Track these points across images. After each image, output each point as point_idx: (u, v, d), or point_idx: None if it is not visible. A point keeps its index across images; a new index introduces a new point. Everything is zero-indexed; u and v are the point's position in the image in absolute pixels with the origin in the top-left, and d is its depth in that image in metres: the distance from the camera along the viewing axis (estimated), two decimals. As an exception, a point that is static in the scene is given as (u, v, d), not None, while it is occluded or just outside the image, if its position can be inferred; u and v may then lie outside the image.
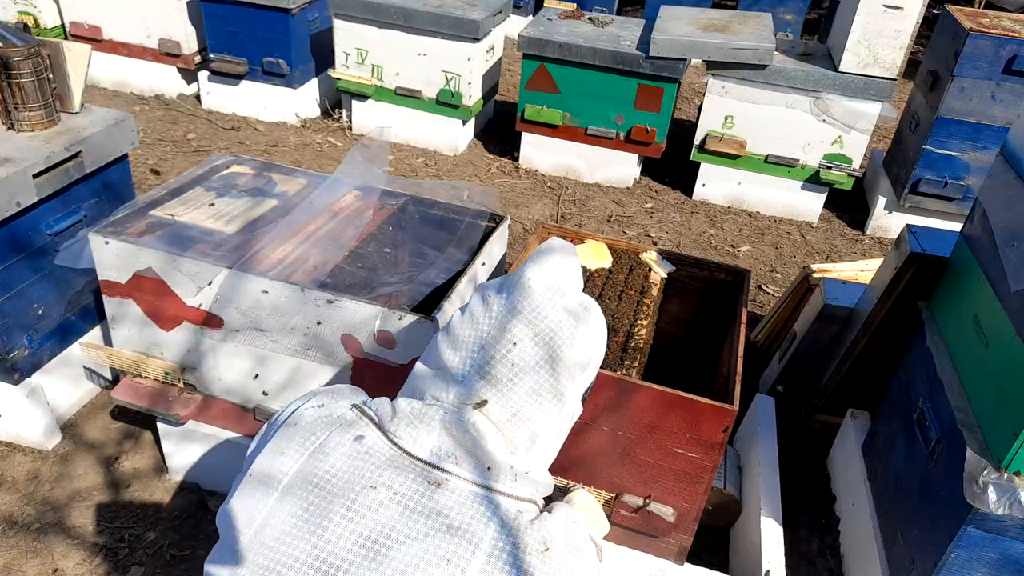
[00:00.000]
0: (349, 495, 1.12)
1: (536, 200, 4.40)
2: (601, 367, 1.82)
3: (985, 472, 1.63)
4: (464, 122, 4.73)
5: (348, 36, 4.59)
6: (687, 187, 4.59)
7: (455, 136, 4.75)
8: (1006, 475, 1.62)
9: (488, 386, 1.22)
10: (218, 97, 4.96)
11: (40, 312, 2.37)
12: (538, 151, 4.66)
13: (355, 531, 1.09)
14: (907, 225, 2.31)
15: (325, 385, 2.01)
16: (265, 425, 1.34)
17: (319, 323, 1.92)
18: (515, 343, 1.24)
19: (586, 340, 1.30)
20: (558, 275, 1.34)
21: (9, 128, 2.30)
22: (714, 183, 4.49)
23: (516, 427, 1.22)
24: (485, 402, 1.21)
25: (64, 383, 2.56)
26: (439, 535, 1.09)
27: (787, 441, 2.62)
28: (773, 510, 2.14)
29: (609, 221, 4.25)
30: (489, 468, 1.18)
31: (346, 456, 1.16)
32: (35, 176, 2.18)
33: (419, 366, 1.33)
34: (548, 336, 1.26)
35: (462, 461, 1.17)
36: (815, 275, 2.93)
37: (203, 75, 4.90)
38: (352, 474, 1.14)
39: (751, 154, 4.31)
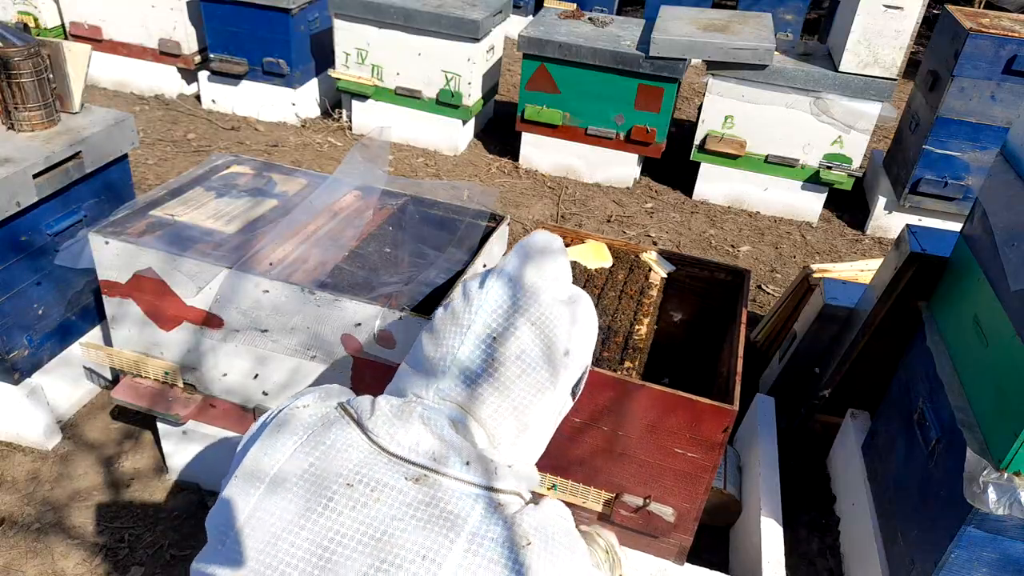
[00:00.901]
0: (326, 493, 1.12)
1: (536, 200, 4.40)
2: (601, 367, 1.83)
3: (985, 472, 1.63)
4: (464, 122, 4.74)
5: (348, 36, 4.59)
6: (687, 187, 4.59)
7: (455, 136, 4.75)
8: (1006, 475, 1.62)
9: (469, 381, 1.21)
10: (218, 97, 4.96)
11: (40, 312, 2.37)
12: (538, 151, 4.67)
13: (331, 528, 1.09)
14: (907, 225, 2.31)
15: (314, 383, 2.01)
16: (254, 425, 1.34)
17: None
18: (495, 337, 1.22)
19: (576, 332, 1.28)
20: (545, 266, 1.33)
21: (9, 128, 2.30)
22: (714, 183, 4.49)
23: (498, 421, 1.21)
24: (467, 398, 1.21)
25: (64, 383, 2.56)
26: (416, 530, 1.08)
27: (787, 441, 2.62)
28: (773, 510, 2.14)
29: (609, 221, 4.25)
30: (469, 463, 1.16)
31: (326, 454, 1.16)
32: (35, 176, 2.18)
33: (403, 366, 1.32)
34: (537, 327, 1.24)
35: (441, 457, 1.16)
36: (815, 275, 2.93)
37: (203, 75, 4.90)
38: (331, 471, 1.14)
39: (751, 154, 4.31)
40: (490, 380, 1.21)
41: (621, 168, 4.58)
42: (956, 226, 2.32)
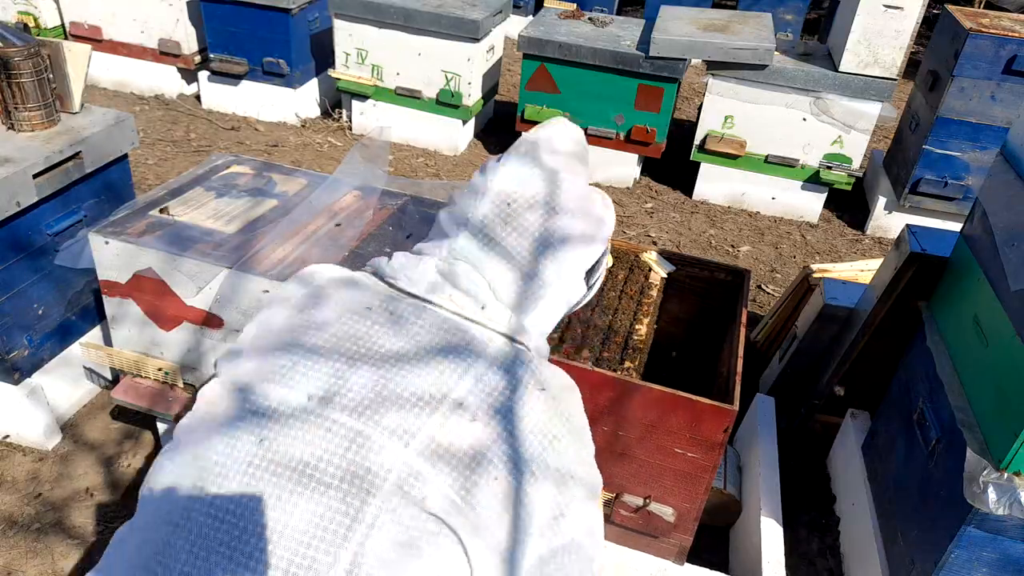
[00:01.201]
0: (345, 317, 1.15)
1: (536, 200, 4.39)
2: (601, 367, 1.83)
3: (985, 472, 1.63)
4: (464, 122, 4.73)
5: (348, 36, 4.59)
6: (687, 187, 4.59)
7: (455, 136, 4.75)
8: (1006, 475, 1.62)
9: (482, 242, 1.21)
10: (218, 97, 4.96)
11: (40, 312, 2.37)
12: (538, 151, 4.65)
13: (354, 336, 1.11)
14: (907, 225, 2.31)
15: None
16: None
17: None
18: (509, 203, 1.22)
19: (590, 213, 1.27)
20: (566, 146, 1.31)
21: (9, 128, 2.30)
22: (714, 183, 4.49)
23: (508, 283, 1.21)
24: (479, 258, 1.21)
25: (64, 383, 2.56)
26: (430, 354, 1.10)
27: (787, 441, 2.62)
28: (773, 510, 2.14)
29: (609, 221, 4.24)
30: (484, 307, 1.18)
31: (347, 291, 1.20)
32: (35, 176, 2.18)
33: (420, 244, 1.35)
34: (551, 200, 1.23)
35: (456, 298, 1.18)
36: (815, 275, 2.93)
37: (203, 75, 4.90)
38: (353, 300, 1.17)
39: (751, 154, 4.31)
40: (502, 242, 1.21)
41: (621, 168, 4.58)
42: (956, 226, 2.32)
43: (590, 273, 1.34)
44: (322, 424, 1.03)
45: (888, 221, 4.35)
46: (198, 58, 4.90)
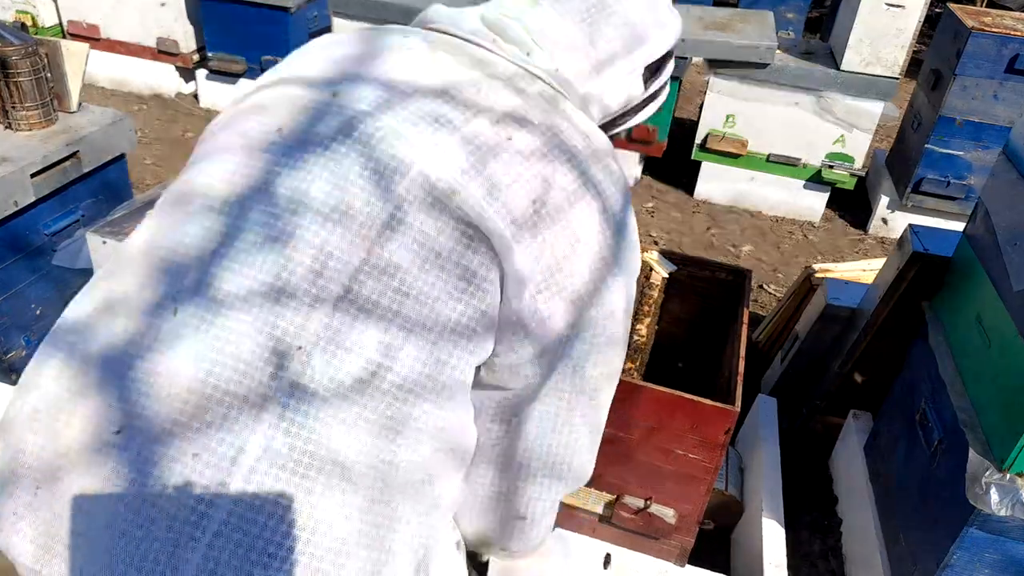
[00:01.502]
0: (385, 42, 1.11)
1: (536, 199, 4.38)
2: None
3: (987, 473, 1.62)
4: (464, 121, 4.72)
5: (348, 35, 4.57)
6: (688, 186, 4.58)
7: (455, 135, 4.73)
8: (1008, 476, 1.61)
9: (530, 3, 1.13)
10: (216, 95, 4.95)
11: (38, 312, 2.36)
12: (538, 150, 4.64)
13: (394, 66, 1.06)
14: (910, 225, 2.29)
15: None
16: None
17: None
18: None
19: (647, 11, 1.18)
20: None
21: (6, 127, 2.29)
22: (715, 182, 4.47)
23: (560, 54, 1.12)
24: (529, 16, 1.13)
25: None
26: (470, 72, 1.04)
27: (789, 442, 2.60)
28: (775, 511, 2.13)
29: (610, 220, 4.23)
30: (529, 54, 1.10)
31: (384, 32, 1.15)
32: (32, 175, 2.17)
33: None
34: None
35: (501, 44, 1.09)
36: (817, 275, 2.92)
37: (201, 73, 4.89)
38: (386, 35, 1.13)
39: (753, 153, 4.30)
40: (556, 6, 1.13)
41: (622, 167, 4.55)
42: (959, 226, 2.31)
43: (652, 77, 1.25)
44: (340, 112, 0.98)
45: (891, 221, 4.34)
46: (196, 56, 4.89)
